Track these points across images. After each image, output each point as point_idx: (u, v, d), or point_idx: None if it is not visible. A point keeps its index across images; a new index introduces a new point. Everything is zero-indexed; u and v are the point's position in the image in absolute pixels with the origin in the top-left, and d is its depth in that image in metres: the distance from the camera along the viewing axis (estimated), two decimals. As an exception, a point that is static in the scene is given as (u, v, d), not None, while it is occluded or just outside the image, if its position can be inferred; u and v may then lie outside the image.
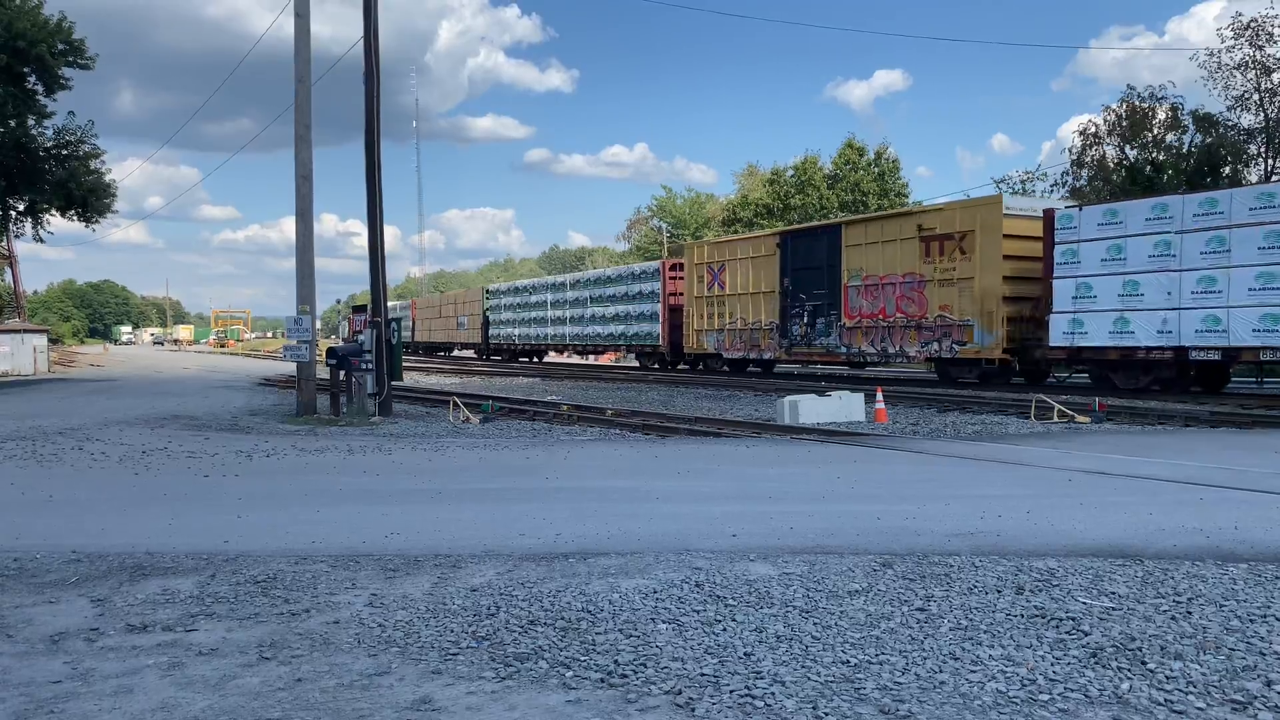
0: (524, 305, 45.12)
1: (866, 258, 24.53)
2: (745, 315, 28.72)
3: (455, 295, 57.99)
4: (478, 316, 50.09)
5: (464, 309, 52.91)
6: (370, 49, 17.25)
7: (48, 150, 32.64)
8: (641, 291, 34.92)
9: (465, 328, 52.22)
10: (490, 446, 12.71)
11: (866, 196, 48.20)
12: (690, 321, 31.25)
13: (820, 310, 26.03)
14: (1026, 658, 4.25)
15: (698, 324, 30.93)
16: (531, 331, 44.23)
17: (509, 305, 46.79)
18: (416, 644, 4.57)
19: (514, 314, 46.17)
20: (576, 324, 39.65)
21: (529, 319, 44.33)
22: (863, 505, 8.01)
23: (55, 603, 5.37)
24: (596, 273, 39.79)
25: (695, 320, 31.05)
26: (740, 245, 29.66)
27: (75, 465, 11.19)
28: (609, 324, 36.94)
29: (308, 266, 18.00)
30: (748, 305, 28.63)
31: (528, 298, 44.66)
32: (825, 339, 25.92)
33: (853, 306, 24.99)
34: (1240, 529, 6.81)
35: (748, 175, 62.61)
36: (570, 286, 40.54)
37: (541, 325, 43.02)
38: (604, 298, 37.46)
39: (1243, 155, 35.45)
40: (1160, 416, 15.54)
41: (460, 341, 54.24)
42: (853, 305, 24.99)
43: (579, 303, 39.47)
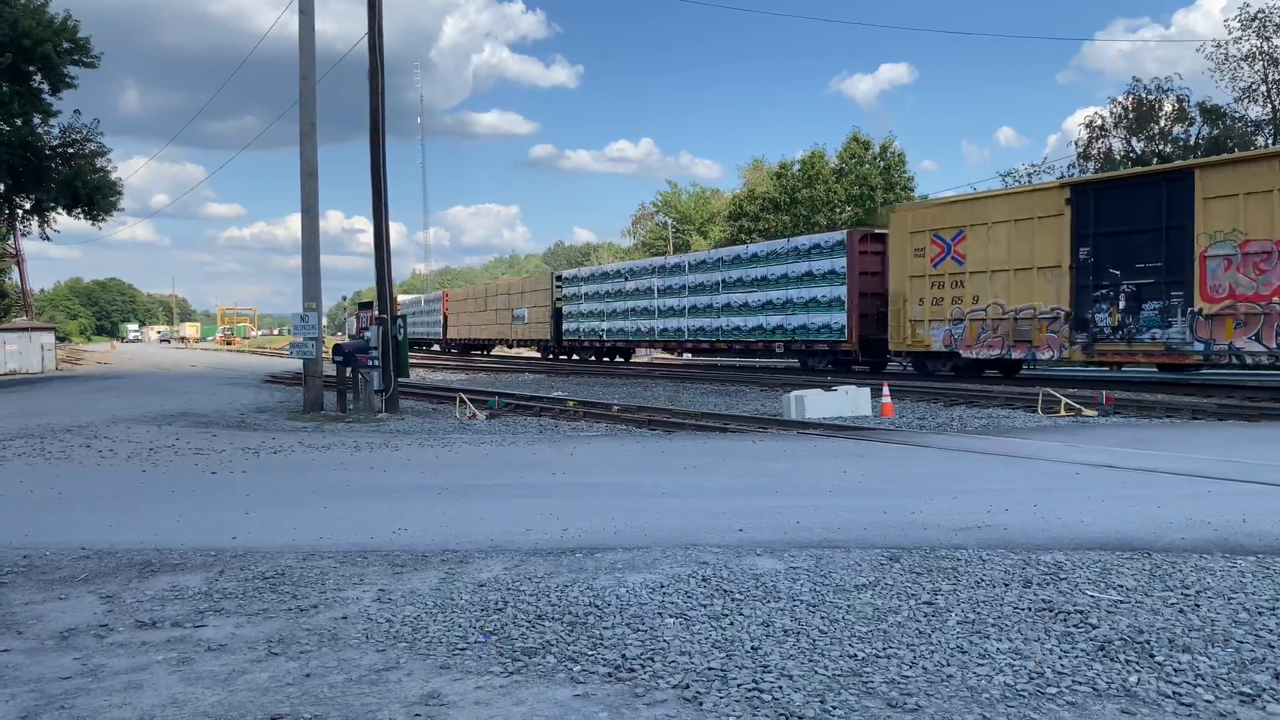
0: (616, 294, 37.35)
1: (1245, 214, 17.22)
2: (1003, 299, 21.15)
3: (508, 283, 50.47)
4: (545, 308, 42.60)
5: (524, 299, 45.17)
6: (375, 46, 17.25)
7: (53, 149, 32.72)
8: (811, 272, 26.48)
9: (525, 321, 44.61)
10: (497, 443, 12.72)
11: (874, 190, 48.12)
12: (903, 310, 23.24)
13: (1150, 291, 18.68)
14: (1034, 651, 4.24)
15: (916, 312, 22.97)
16: (627, 325, 36.39)
17: (592, 294, 38.99)
18: (424, 639, 4.58)
19: (600, 304, 38.36)
20: (700, 315, 31.61)
21: (623, 310, 36.63)
22: (869, 499, 8.01)
23: (65, 599, 5.39)
24: (734, 250, 31.41)
25: (911, 307, 23.07)
26: (993, 204, 21.84)
27: (83, 463, 11.23)
28: (755, 314, 28.73)
29: (313, 264, 18.03)
30: (1007, 285, 21.11)
31: (621, 284, 36.90)
32: (1160, 331, 18.51)
33: (1215, 285, 17.65)
34: (1248, 522, 6.80)
35: (753, 170, 62.57)
36: (691, 269, 32.36)
37: (641, 317, 35.32)
38: (747, 281, 29.14)
39: (1250, 146, 35.31)
40: (1168, 409, 15.50)
41: (514, 338, 46.73)
42: (1215, 284, 17.64)
43: (704, 288, 31.36)
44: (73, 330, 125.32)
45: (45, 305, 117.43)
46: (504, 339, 48.04)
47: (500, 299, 48.23)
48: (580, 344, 40.33)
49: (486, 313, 49.91)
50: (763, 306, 28.46)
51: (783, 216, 48.45)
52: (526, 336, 45.20)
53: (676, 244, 64.30)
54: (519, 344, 47.55)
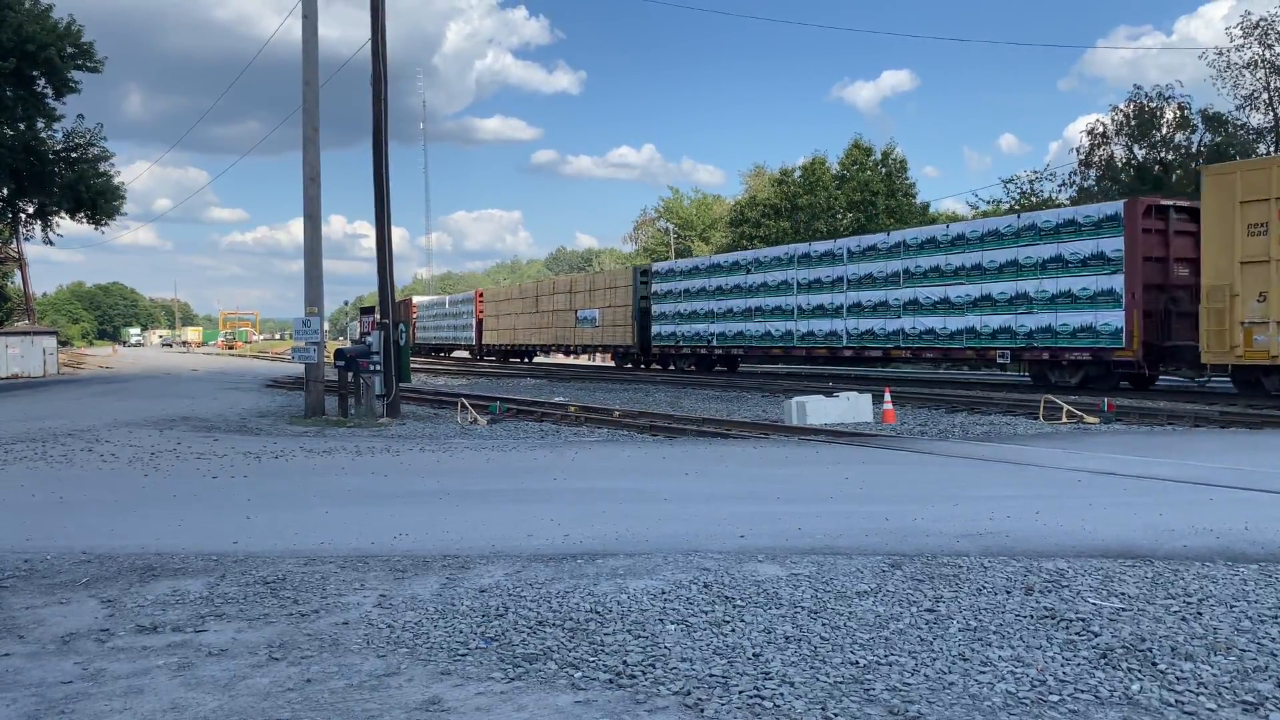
0: (732, 290, 30.13)
1: None
2: None
3: (570, 280, 43.54)
4: (625, 308, 35.82)
5: (594, 298, 38.28)
6: (378, 51, 17.29)
7: (57, 153, 32.82)
8: (1062, 258, 20.32)
9: (597, 324, 37.53)
10: (498, 448, 12.72)
11: (875, 196, 48.14)
12: (1229, 308, 17.16)
13: None
14: (1036, 658, 4.23)
15: (1252, 310, 16.96)
16: (750, 328, 29.32)
17: (698, 290, 31.94)
18: (425, 645, 4.57)
19: (706, 302, 31.44)
20: (866, 315, 25.04)
21: (743, 309, 29.65)
22: (871, 506, 8.00)
23: (66, 603, 5.39)
24: (925, 231, 24.71)
25: (1244, 305, 17.02)
26: None
27: (85, 467, 11.23)
28: (961, 313, 22.44)
29: (316, 269, 18.05)
30: None
31: (740, 278, 29.84)
32: None
33: None
34: (1251, 529, 6.79)
35: (755, 176, 62.63)
36: (853, 257, 25.57)
37: (773, 318, 28.34)
38: (948, 271, 22.83)
39: (1251, 154, 35.33)
40: (1169, 416, 15.48)
41: (578, 343, 40.24)
42: None
43: (873, 281, 24.91)
44: (75, 334, 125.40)
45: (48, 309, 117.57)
46: (562, 344, 41.34)
47: (559, 299, 41.39)
48: (676, 350, 33.40)
49: (536, 314, 43.29)
50: (975, 303, 22.16)
51: (783, 223, 48.46)
52: (597, 341, 38.36)
53: (678, 250, 64.31)
54: (584, 350, 41.19)
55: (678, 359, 34.11)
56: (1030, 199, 39.81)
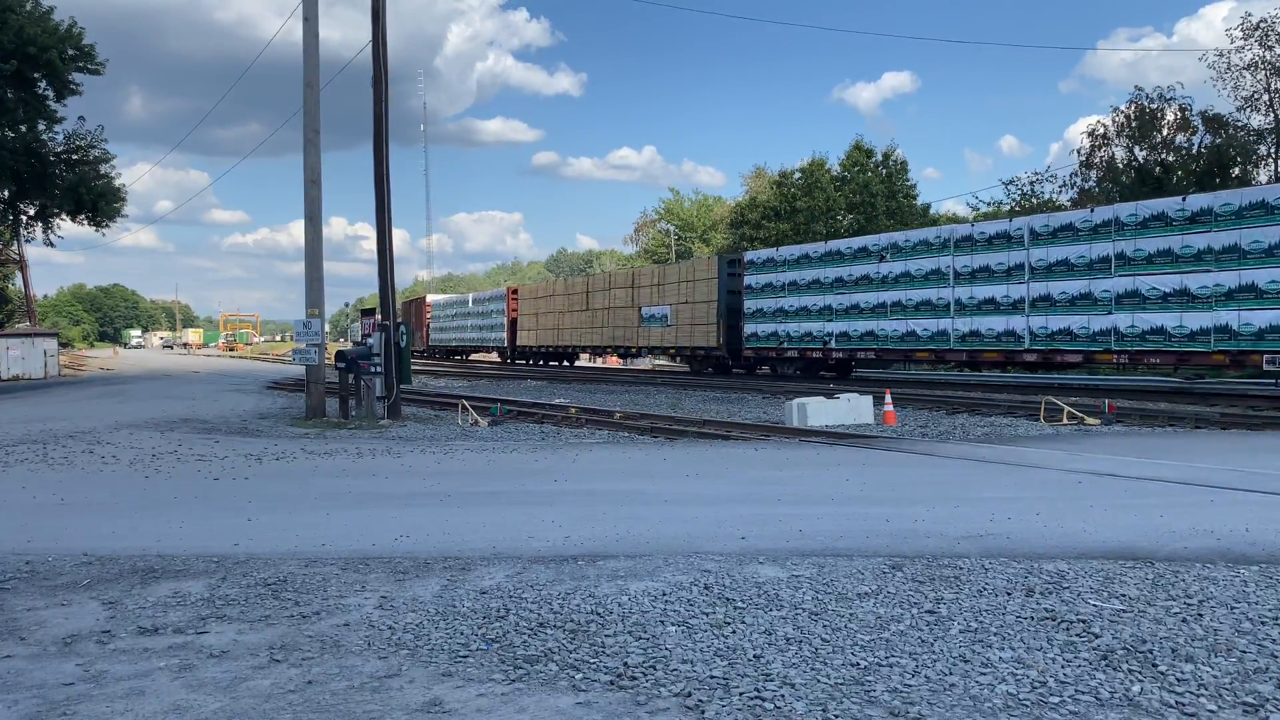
0: (860, 281, 25.75)
1: None
2: None
3: (632, 273, 38.09)
4: (708, 304, 31.13)
5: (664, 294, 33.66)
6: (378, 54, 17.31)
7: (58, 155, 32.87)
8: None
9: (669, 323, 33.26)
10: (499, 449, 12.73)
11: (875, 198, 48.15)
12: None
13: None
14: (1037, 660, 4.24)
15: None
16: (884, 326, 24.94)
17: (808, 283, 27.35)
18: (426, 646, 4.58)
19: (821, 296, 26.91)
20: (1058, 310, 20.74)
21: (874, 304, 25.25)
22: (872, 508, 8.00)
23: (67, 605, 5.39)
24: (1149, 206, 19.78)
25: None
26: None
27: (86, 468, 11.24)
28: (1204, 308, 18.26)
29: (317, 270, 18.06)
30: None
31: (868, 267, 25.48)
32: None
33: None
34: (1251, 531, 6.79)
35: (755, 177, 62.59)
36: (1036, 239, 21.33)
37: (917, 314, 24.04)
38: (1183, 256, 18.61)
39: (1252, 156, 35.35)
40: (1170, 418, 15.49)
41: (643, 345, 35.34)
42: None
43: (1066, 268, 20.62)
44: (76, 336, 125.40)
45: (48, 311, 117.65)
46: (620, 346, 36.99)
47: (618, 294, 37.01)
48: (777, 353, 28.85)
49: (585, 313, 39.13)
50: (1230, 295, 17.83)
51: (782, 225, 48.46)
52: (668, 343, 33.57)
53: (679, 251, 64.32)
54: (650, 353, 36.12)
55: (779, 363, 29.52)
56: (1031, 200, 39.83)
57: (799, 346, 27.87)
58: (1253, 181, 33.53)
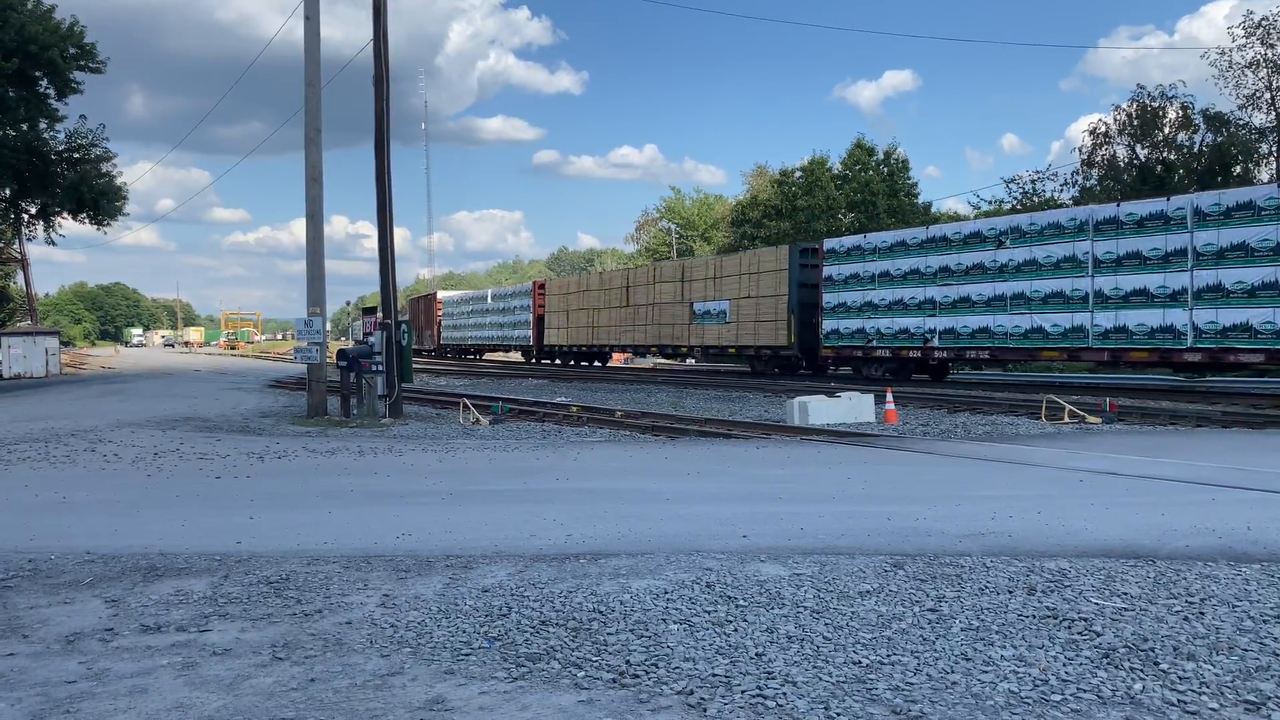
0: (971, 271, 22.81)
1: None
2: None
3: (680, 266, 34.64)
4: (776, 299, 27.87)
5: (721, 287, 30.63)
6: (379, 53, 17.31)
7: (59, 154, 32.90)
8: None
9: (727, 319, 30.13)
10: (500, 448, 12.73)
11: (876, 197, 48.13)
12: None
13: None
14: (1039, 658, 4.24)
15: None
16: (997, 322, 22.21)
17: (903, 273, 24.56)
18: (429, 644, 4.58)
19: (921, 288, 24.03)
20: (1231, 303, 18.14)
21: (989, 297, 22.38)
22: (873, 506, 8.00)
23: (70, 603, 5.40)
24: None
25: None
26: None
27: (88, 467, 11.25)
28: None
29: (318, 269, 18.07)
30: None
31: (987, 254, 22.45)
32: None
33: None
34: (1253, 529, 6.79)
35: (757, 176, 62.62)
36: (1207, 219, 18.52)
37: (1042, 310, 21.19)
38: None
39: (1254, 154, 35.33)
40: (1172, 417, 15.48)
41: (694, 343, 32.23)
42: None
43: (1252, 253, 17.85)
44: (77, 335, 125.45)
45: (50, 309, 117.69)
46: (668, 345, 33.96)
47: (664, 289, 33.67)
48: (865, 353, 25.83)
49: (625, 309, 36.31)
50: None
51: (783, 223, 48.45)
52: (727, 341, 30.37)
53: (680, 250, 64.32)
54: (702, 352, 32.70)
55: (865, 363, 26.37)
56: (1032, 199, 39.82)
57: (891, 345, 24.96)
58: (1254, 180, 33.48)
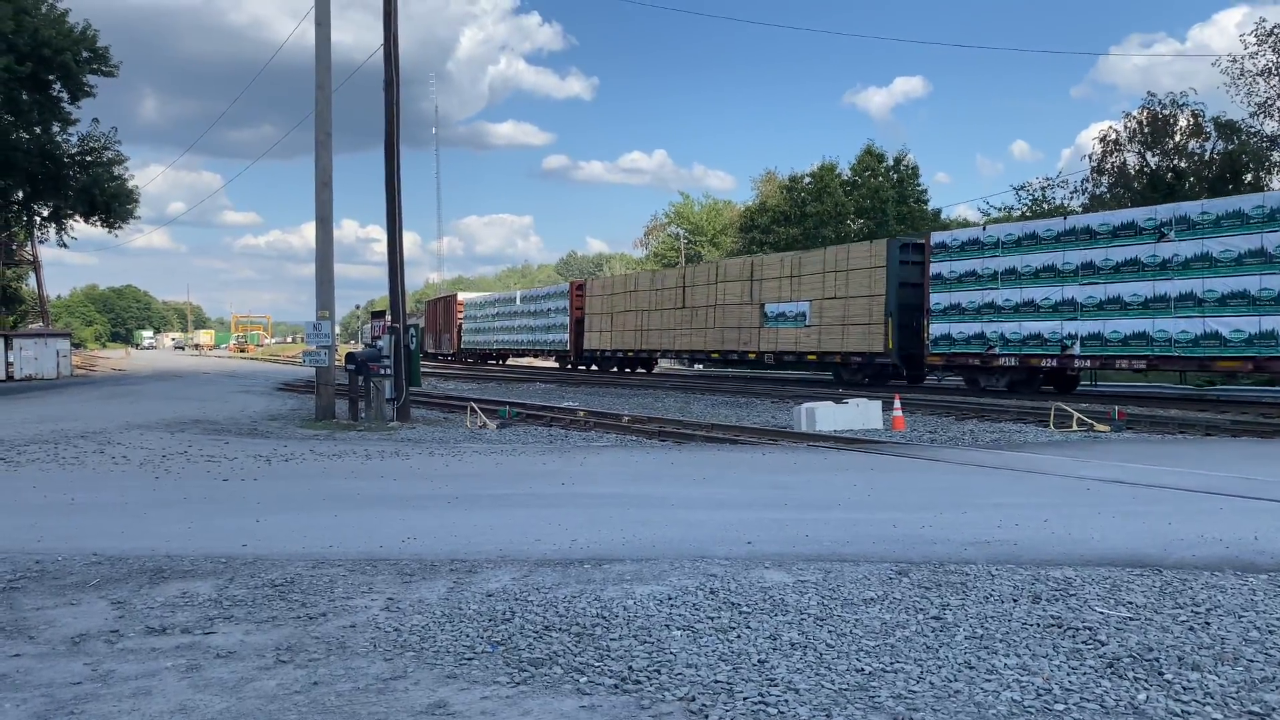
0: (1125, 267, 19.80)
1: None
2: None
3: (755, 263, 30.98)
4: (872, 299, 25.05)
5: (800, 286, 27.56)
6: (390, 56, 17.37)
7: (71, 157, 33.07)
8: None
9: (807, 322, 27.29)
10: (507, 452, 12.75)
11: (885, 203, 48.09)
12: None
13: None
14: (1042, 667, 4.23)
15: None
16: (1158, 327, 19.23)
17: (1033, 270, 21.62)
18: (432, 648, 4.59)
19: (1057, 287, 21.04)
20: None
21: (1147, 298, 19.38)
22: (879, 513, 7.99)
23: (76, 604, 5.42)
24: None
25: None
26: None
27: (96, 469, 11.30)
28: None
29: (327, 272, 18.13)
30: None
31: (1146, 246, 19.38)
32: None
33: None
34: (1260, 539, 6.76)
35: (766, 181, 62.64)
36: None
37: (1217, 311, 18.23)
38: None
39: (1265, 162, 35.19)
40: (1181, 425, 15.42)
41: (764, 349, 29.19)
42: None
43: None
44: (88, 337, 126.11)
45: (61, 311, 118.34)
46: (731, 349, 30.93)
47: (729, 288, 30.75)
48: (984, 360, 22.65)
49: (681, 310, 33.51)
50: None
51: (792, 229, 48.43)
52: (807, 347, 27.35)
53: (689, 255, 64.35)
54: (775, 358, 29.59)
55: (984, 373, 23.18)
56: (1042, 206, 39.74)
57: (1018, 352, 21.86)
58: (1265, 187, 33.36)
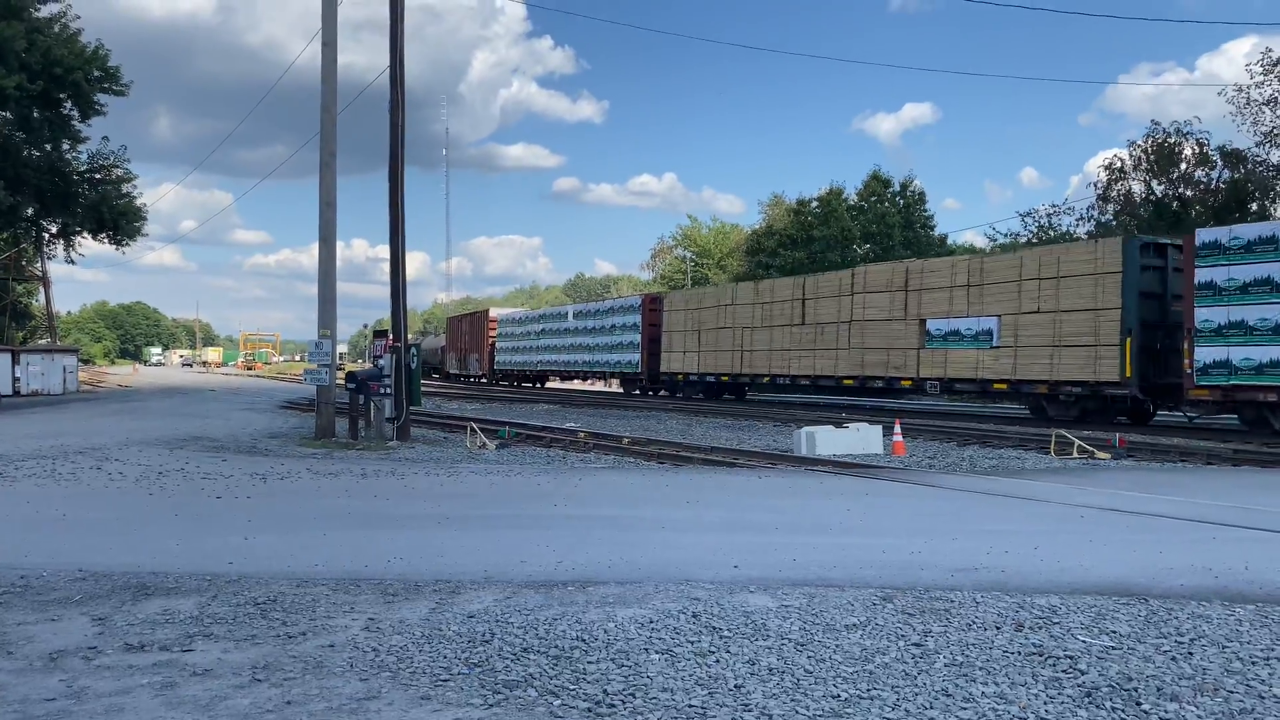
0: None
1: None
2: None
3: (912, 269, 24.95)
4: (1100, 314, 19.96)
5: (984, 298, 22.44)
6: (395, 79, 17.51)
7: (81, 174, 33.36)
8: None
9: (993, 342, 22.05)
10: (503, 473, 12.73)
11: (892, 229, 48.15)
12: None
13: None
14: (1019, 696, 4.20)
15: None
16: None
17: None
18: (409, 669, 4.58)
19: None
20: None
21: None
22: (869, 538, 7.96)
23: (57, 620, 5.42)
24: None
25: None
26: None
27: (91, 484, 11.32)
28: None
29: (329, 291, 18.20)
30: None
31: None
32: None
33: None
34: (1251, 569, 6.71)
35: (774, 205, 62.74)
36: None
37: None
38: None
39: (1270, 192, 35.16)
40: (1182, 454, 15.34)
41: (923, 375, 23.71)
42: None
43: None
44: (97, 353, 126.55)
45: (70, 327, 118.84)
46: (876, 374, 25.12)
47: (870, 300, 25.28)
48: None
49: (793, 328, 28.07)
50: None
51: (798, 253, 48.50)
52: (994, 373, 21.96)
53: (695, 278, 64.42)
54: (943, 385, 23.58)
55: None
56: (1048, 232, 39.73)
57: None
58: (1269, 216, 33.32)
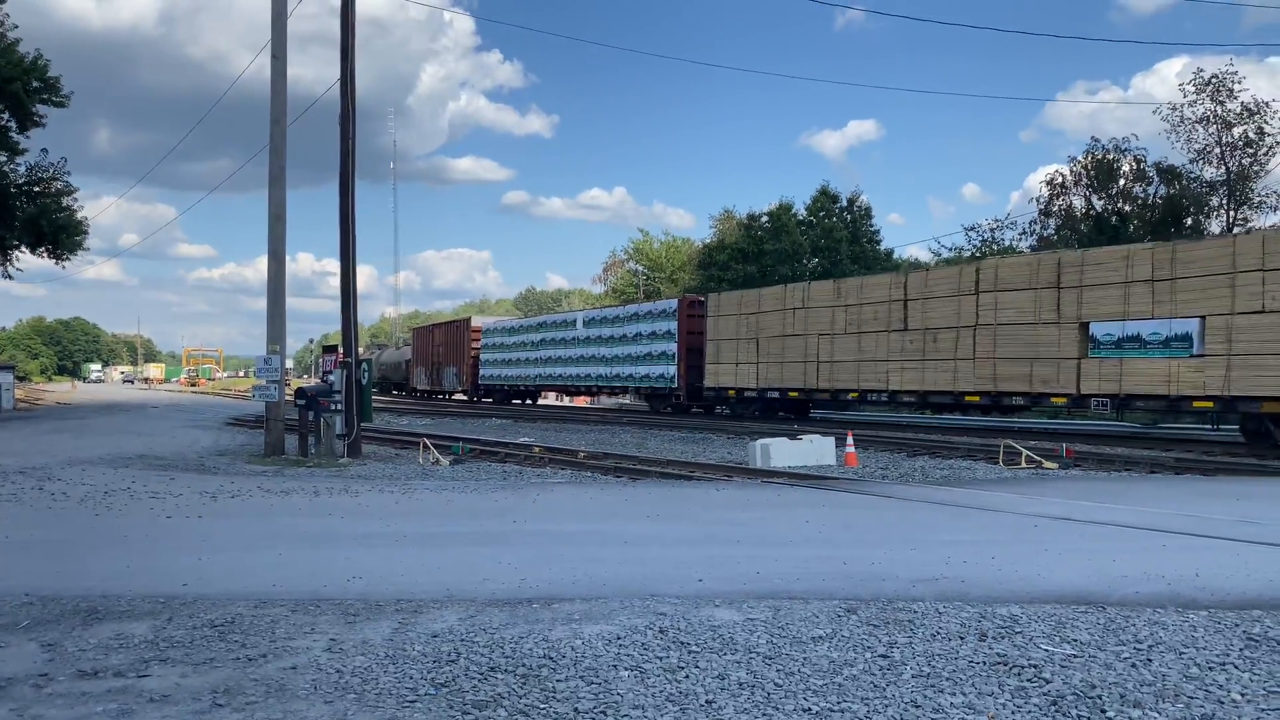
0: None
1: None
2: None
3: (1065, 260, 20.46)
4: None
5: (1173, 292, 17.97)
6: (346, 92, 17.34)
7: (19, 187, 32.47)
8: None
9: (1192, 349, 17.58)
10: (459, 489, 12.61)
11: (840, 243, 48.72)
12: None
13: None
14: (988, 705, 4.24)
15: None
16: None
17: None
18: (374, 691, 4.50)
19: None
20: None
21: None
22: (830, 550, 8.00)
23: (4, 647, 5.24)
24: None
25: None
26: None
27: (34, 506, 10.98)
28: None
29: (279, 306, 17.92)
30: None
31: None
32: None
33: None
34: (1201, 576, 6.86)
35: (724, 220, 63.12)
36: None
37: None
38: None
39: (1204, 207, 36.24)
40: (1126, 463, 15.68)
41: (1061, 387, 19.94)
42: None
43: None
44: (34, 370, 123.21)
45: (6, 344, 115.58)
46: (1014, 389, 21.03)
47: (1002, 299, 21.34)
48: None
49: (887, 334, 24.06)
50: None
51: (749, 266, 48.86)
52: (1192, 388, 17.64)
53: (647, 291, 64.52)
54: (1117, 403, 19.17)
55: None
56: (992, 247, 40.49)
57: None
58: (1205, 231, 34.31)
